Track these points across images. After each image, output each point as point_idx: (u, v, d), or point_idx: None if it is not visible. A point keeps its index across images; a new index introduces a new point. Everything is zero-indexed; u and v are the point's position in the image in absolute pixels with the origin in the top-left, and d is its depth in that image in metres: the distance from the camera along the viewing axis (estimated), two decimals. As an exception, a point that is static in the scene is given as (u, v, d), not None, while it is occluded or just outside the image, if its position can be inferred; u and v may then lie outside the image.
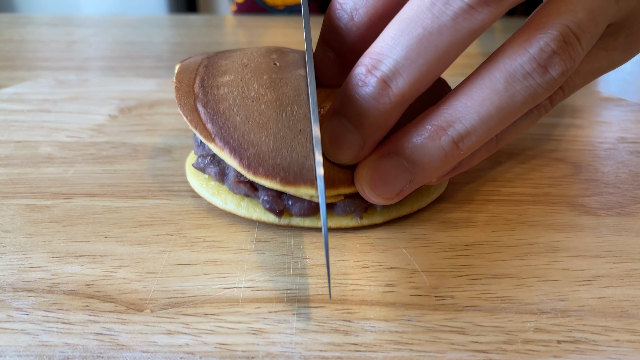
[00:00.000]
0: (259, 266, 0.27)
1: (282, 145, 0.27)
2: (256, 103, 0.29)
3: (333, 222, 0.30)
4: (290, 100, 0.29)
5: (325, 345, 0.23)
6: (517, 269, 0.27)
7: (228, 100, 0.29)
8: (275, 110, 0.28)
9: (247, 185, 0.29)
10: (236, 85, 0.30)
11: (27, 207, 0.32)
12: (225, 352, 0.22)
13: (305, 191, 0.27)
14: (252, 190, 0.29)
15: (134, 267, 0.27)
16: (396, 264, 0.27)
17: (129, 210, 0.32)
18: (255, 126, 0.28)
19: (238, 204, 0.31)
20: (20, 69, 0.61)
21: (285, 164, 0.27)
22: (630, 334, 0.23)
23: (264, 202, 0.29)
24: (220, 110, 0.29)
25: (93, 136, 0.41)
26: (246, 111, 0.28)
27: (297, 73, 0.31)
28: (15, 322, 0.24)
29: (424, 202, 0.32)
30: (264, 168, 0.27)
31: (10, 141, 0.40)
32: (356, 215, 0.30)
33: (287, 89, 0.29)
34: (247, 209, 0.30)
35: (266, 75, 0.30)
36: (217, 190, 0.31)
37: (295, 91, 0.29)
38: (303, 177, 0.27)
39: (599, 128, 0.44)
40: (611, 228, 0.31)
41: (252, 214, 0.30)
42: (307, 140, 0.28)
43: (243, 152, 0.27)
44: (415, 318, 0.24)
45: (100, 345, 0.22)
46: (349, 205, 0.29)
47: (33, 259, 0.27)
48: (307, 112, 0.28)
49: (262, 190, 0.29)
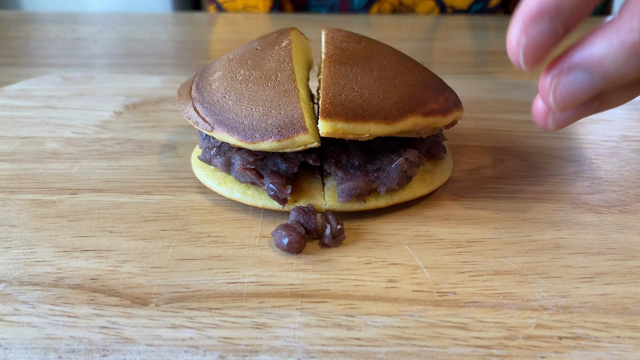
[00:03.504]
0: (263, 261, 0.27)
1: (271, 107, 0.29)
2: (244, 84, 0.31)
3: (338, 205, 0.31)
4: (274, 70, 0.31)
5: (328, 339, 0.23)
6: (520, 266, 0.27)
7: (220, 91, 0.31)
8: (262, 83, 0.31)
9: (252, 172, 0.30)
10: (225, 77, 0.32)
11: (33, 202, 0.32)
12: (228, 346, 0.22)
13: (300, 139, 0.28)
14: (258, 177, 0.30)
15: (138, 261, 0.27)
16: (399, 260, 0.28)
17: (134, 206, 0.32)
18: (247, 102, 0.30)
19: (244, 192, 0.31)
20: (26, 66, 0.61)
21: (277, 122, 0.29)
22: (631, 330, 0.23)
23: (269, 189, 0.30)
24: (215, 101, 0.31)
25: (98, 132, 0.41)
26: (236, 94, 0.31)
27: (277, 47, 0.33)
28: (22, 315, 0.24)
29: (426, 189, 0.32)
30: (259, 132, 0.29)
31: (16, 137, 0.40)
32: (360, 199, 0.30)
33: (270, 63, 0.32)
34: (253, 197, 0.31)
35: (250, 60, 0.32)
36: (223, 180, 0.32)
37: (277, 62, 0.32)
38: (295, 127, 0.28)
39: (602, 126, 0.44)
40: (613, 226, 0.31)
41: (258, 201, 0.31)
42: (293, 96, 0.29)
43: (239, 127, 0.29)
44: (417, 313, 0.24)
45: (105, 339, 0.23)
46: (354, 189, 0.30)
47: (39, 253, 0.28)
48: (290, 73, 0.30)
49: (268, 178, 0.30)
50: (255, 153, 0.31)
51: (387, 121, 0.29)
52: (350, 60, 0.31)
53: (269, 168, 0.31)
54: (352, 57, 0.32)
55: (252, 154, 0.31)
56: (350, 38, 0.33)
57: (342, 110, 0.29)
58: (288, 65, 0.31)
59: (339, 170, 0.31)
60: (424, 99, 0.31)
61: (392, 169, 0.30)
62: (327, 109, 0.28)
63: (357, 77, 0.30)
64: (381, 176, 0.30)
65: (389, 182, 0.30)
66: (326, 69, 0.30)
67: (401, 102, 0.30)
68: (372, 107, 0.29)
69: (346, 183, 0.30)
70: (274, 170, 0.30)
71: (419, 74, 0.33)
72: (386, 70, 0.31)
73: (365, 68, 0.31)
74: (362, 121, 0.29)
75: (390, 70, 0.32)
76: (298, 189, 0.31)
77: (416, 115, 0.30)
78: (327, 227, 0.29)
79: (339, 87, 0.29)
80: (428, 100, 0.31)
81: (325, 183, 0.32)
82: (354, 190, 0.30)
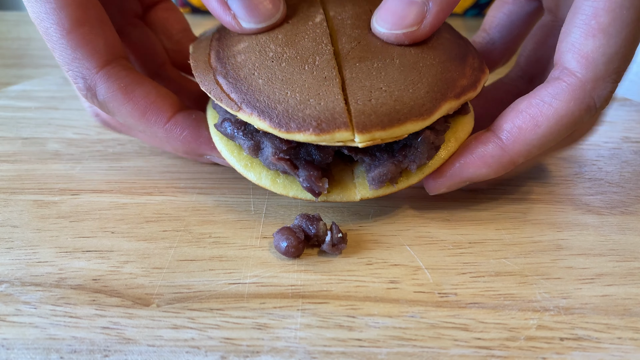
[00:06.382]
0: (264, 262, 0.28)
1: (309, 96, 0.27)
2: (276, 62, 0.28)
3: (371, 193, 0.29)
4: (311, 52, 0.28)
5: (329, 340, 0.23)
6: (521, 267, 0.27)
7: (247, 66, 0.28)
8: (297, 65, 0.28)
9: (287, 163, 0.28)
10: (252, 50, 0.29)
11: (34, 202, 0.32)
12: (230, 346, 0.22)
13: (341, 136, 0.26)
14: (293, 169, 0.28)
15: (140, 262, 0.27)
16: (400, 261, 0.28)
17: (135, 207, 0.32)
18: (280, 84, 0.27)
19: (273, 180, 0.30)
20: (27, 67, 0.61)
21: (315, 113, 0.26)
22: (632, 331, 0.23)
23: (303, 182, 0.28)
24: (242, 77, 0.28)
25: (100, 133, 0.41)
26: (268, 72, 0.28)
27: (312, 23, 0.30)
28: (24, 315, 0.24)
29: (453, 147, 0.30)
30: (295, 122, 0.26)
31: (18, 138, 0.40)
32: (392, 183, 0.29)
33: (305, 42, 0.29)
34: (284, 187, 0.29)
35: (281, 35, 0.29)
36: (250, 162, 0.30)
37: (313, 42, 0.29)
38: (336, 122, 0.26)
39: (603, 127, 0.44)
40: (614, 227, 0.31)
41: (289, 191, 0.29)
42: (334, 85, 0.27)
43: (272, 112, 0.27)
44: (418, 314, 0.24)
45: (107, 339, 0.23)
46: (384, 174, 0.28)
47: (41, 254, 0.28)
48: (329, 58, 0.28)
49: (303, 170, 0.28)
50: (289, 141, 0.28)
51: (423, 117, 0.27)
52: (368, 53, 0.29)
53: (302, 158, 0.29)
54: (369, 48, 0.29)
55: (285, 142, 0.28)
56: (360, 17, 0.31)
57: (377, 118, 0.26)
58: (327, 47, 0.28)
59: (365, 155, 0.29)
60: (452, 77, 0.29)
61: (419, 143, 0.28)
62: (362, 122, 0.26)
63: (380, 72, 0.28)
64: (409, 154, 0.28)
65: (418, 159, 0.28)
66: (346, 71, 0.28)
67: (432, 90, 0.28)
68: (406, 105, 0.27)
69: (375, 170, 0.28)
70: (308, 161, 0.29)
71: (439, 46, 0.30)
72: (407, 54, 0.29)
73: (386, 59, 0.28)
74: (398, 125, 0.27)
75: (411, 52, 0.29)
76: (330, 179, 0.30)
77: (449, 100, 0.28)
78: (328, 234, 0.28)
79: (366, 91, 0.27)
80: (456, 77, 0.29)
81: (355, 170, 0.30)
82: (384, 176, 0.28)
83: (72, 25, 0.28)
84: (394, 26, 0.28)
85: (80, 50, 0.29)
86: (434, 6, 0.27)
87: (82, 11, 0.29)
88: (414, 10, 0.27)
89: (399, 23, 0.28)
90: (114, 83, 0.30)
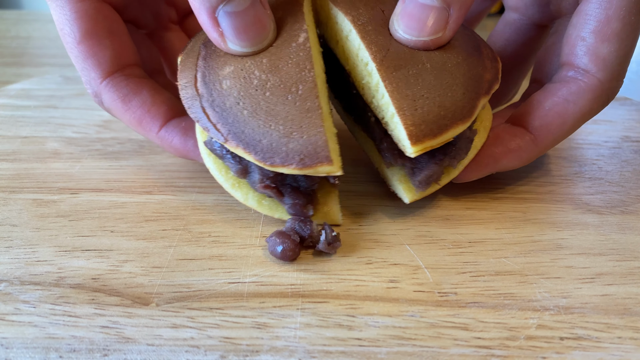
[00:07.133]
0: (264, 261, 0.27)
1: (292, 129, 0.27)
2: (260, 91, 0.28)
3: (418, 195, 0.31)
4: (294, 80, 0.28)
5: (328, 339, 0.23)
6: (521, 266, 0.27)
7: (232, 94, 0.28)
8: (281, 95, 0.27)
9: (274, 191, 0.29)
10: (238, 75, 0.28)
11: (34, 201, 0.32)
12: (229, 345, 0.22)
13: (324, 170, 0.26)
14: (279, 196, 0.29)
15: (139, 261, 0.27)
16: (400, 261, 0.28)
17: (134, 206, 0.32)
18: (264, 116, 0.27)
19: (259, 201, 0.30)
20: (27, 66, 0.61)
21: (299, 147, 0.26)
22: (632, 331, 0.23)
23: (289, 208, 0.29)
24: (227, 107, 0.28)
25: (99, 132, 0.41)
26: (252, 102, 0.28)
27: (295, 44, 0.29)
28: (23, 314, 0.24)
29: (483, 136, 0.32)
30: (279, 157, 0.26)
31: (17, 137, 0.40)
32: (437, 182, 0.30)
33: (289, 67, 0.28)
34: (270, 209, 0.30)
35: (265, 59, 0.29)
36: (237, 182, 0.31)
37: (296, 67, 0.28)
38: (319, 157, 0.26)
39: (604, 127, 0.44)
40: (614, 226, 0.31)
41: (275, 213, 0.30)
42: (316, 117, 0.27)
43: (257, 145, 0.27)
44: (418, 314, 0.24)
45: (106, 338, 0.23)
46: (430, 176, 0.29)
47: (40, 253, 0.28)
48: (312, 87, 0.28)
49: (288, 197, 0.29)
50: None
51: (465, 119, 0.28)
52: (401, 60, 0.29)
53: (288, 184, 0.29)
54: (399, 55, 0.29)
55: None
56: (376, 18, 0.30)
57: (427, 127, 0.27)
58: (309, 74, 0.28)
59: (406, 161, 0.29)
60: (478, 73, 0.30)
61: (459, 141, 0.29)
62: (414, 133, 0.27)
63: (417, 79, 0.28)
64: (449, 152, 0.29)
65: (459, 155, 0.30)
66: (386, 82, 0.28)
67: (467, 91, 0.29)
68: (449, 110, 0.28)
69: (421, 174, 0.29)
70: (294, 187, 0.29)
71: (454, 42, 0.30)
72: (433, 56, 0.29)
73: (418, 64, 0.29)
74: (446, 131, 0.27)
75: (435, 54, 0.29)
76: (315, 203, 0.30)
77: (482, 98, 0.29)
78: (322, 234, 0.28)
79: (410, 101, 0.27)
80: (481, 73, 0.30)
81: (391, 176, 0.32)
82: (430, 178, 0.29)
83: (82, 37, 0.31)
84: (422, 33, 0.28)
85: (88, 61, 0.31)
86: (455, 11, 0.28)
87: (91, 23, 0.31)
88: (438, 16, 0.28)
89: (425, 30, 0.28)
90: (114, 93, 0.32)
